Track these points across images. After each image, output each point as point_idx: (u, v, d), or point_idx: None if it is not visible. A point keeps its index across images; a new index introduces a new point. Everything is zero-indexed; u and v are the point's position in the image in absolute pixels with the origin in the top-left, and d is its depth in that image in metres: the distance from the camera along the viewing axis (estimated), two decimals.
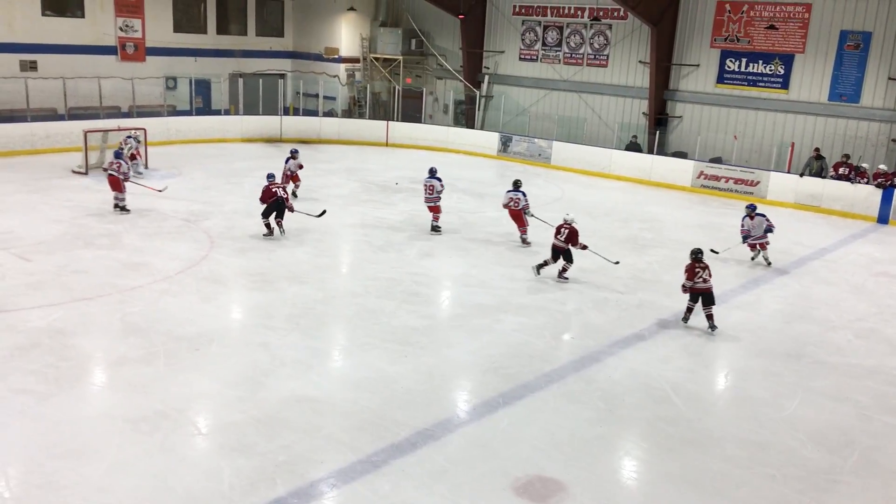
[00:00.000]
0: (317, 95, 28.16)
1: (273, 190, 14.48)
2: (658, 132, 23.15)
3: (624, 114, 24.82)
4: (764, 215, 14.68)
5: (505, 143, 25.67)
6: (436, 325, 11.01)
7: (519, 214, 15.16)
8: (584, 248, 12.99)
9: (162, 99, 25.95)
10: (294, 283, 12.16)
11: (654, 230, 17.10)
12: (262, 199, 14.45)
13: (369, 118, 28.30)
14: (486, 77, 27.67)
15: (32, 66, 23.44)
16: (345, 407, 8.37)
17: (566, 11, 25.64)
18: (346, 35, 29.29)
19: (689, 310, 11.37)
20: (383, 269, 13.23)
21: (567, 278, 13.11)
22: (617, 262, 13.76)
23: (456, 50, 28.03)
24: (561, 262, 13.04)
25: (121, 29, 25.53)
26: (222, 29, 28.45)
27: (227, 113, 26.88)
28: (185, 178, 19.48)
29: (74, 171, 19.13)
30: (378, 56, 29.11)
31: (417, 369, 9.39)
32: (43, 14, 23.70)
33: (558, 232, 12.94)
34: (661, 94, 23.77)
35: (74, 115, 22.76)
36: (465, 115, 28.05)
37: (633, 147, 23.63)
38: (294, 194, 17.63)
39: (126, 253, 13.12)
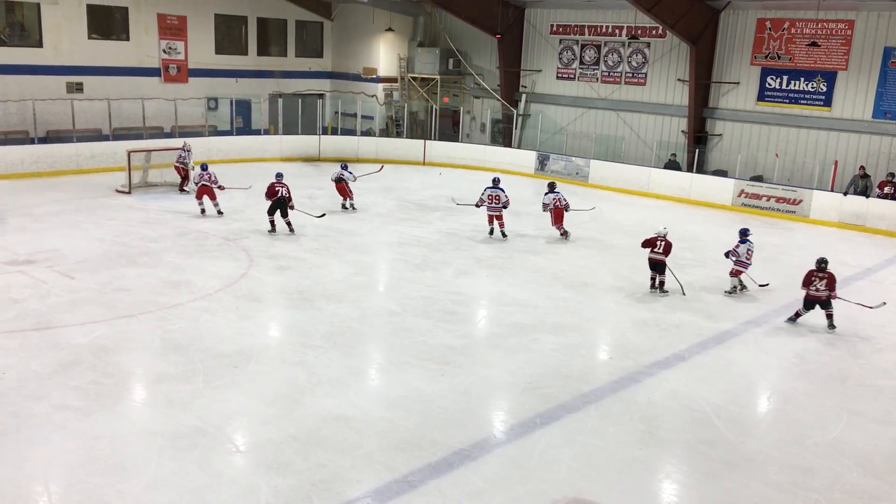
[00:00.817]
0: (355, 115, 28.43)
1: (276, 189, 15.75)
2: (697, 150, 22.91)
3: (662, 132, 24.63)
4: (748, 241, 13.71)
5: (542, 162, 25.62)
6: (472, 343, 10.96)
7: (561, 213, 16.74)
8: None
9: (203, 119, 26.42)
10: (332, 302, 12.22)
11: (693, 249, 16.87)
12: (267, 196, 15.83)
13: (407, 137, 28.47)
14: (524, 96, 27.70)
15: (79, 87, 24.06)
16: (381, 426, 8.35)
17: (604, 30, 25.60)
18: (385, 55, 29.58)
19: (797, 315, 12.17)
20: (420, 287, 13.24)
21: (666, 291, 13.57)
22: (765, 285, 14.11)
23: (493, 69, 28.12)
24: (659, 277, 13.60)
25: (164, 51, 26.10)
26: (262, 50, 28.94)
27: (266, 133, 27.26)
28: (225, 197, 19.72)
29: (118, 191, 19.52)
30: (416, 76, 29.33)
31: (454, 388, 9.35)
32: (89, 37, 24.34)
33: (655, 245, 13.57)
34: (701, 112, 23.55)
35: (119, 135, 23.28)
36: (502, 134, 28.08)
37: (672, 165, 23.41)
38: (352, 206, 19.14)
39: (167, 271, 13.32)
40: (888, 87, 20.34)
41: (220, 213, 17.52)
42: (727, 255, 13.86)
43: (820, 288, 11.90)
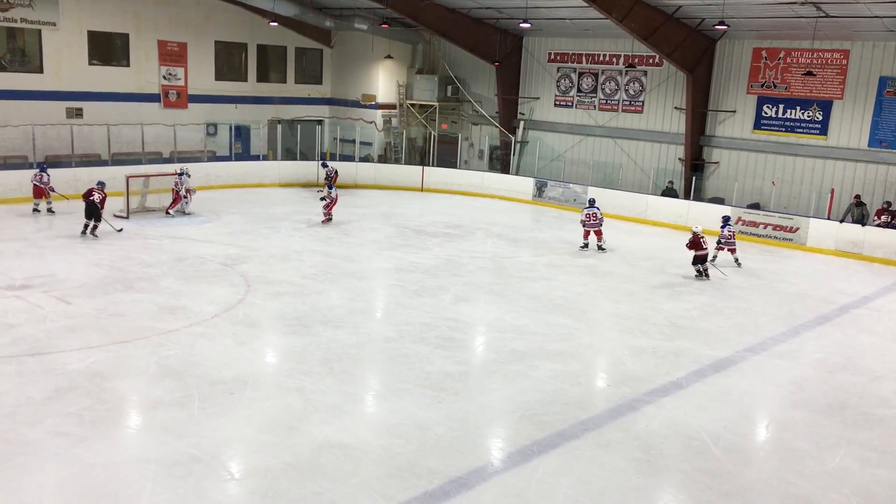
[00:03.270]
0: (354, 141, 28.57)
1: (92, 192, 17.07)
2: (694, 178, 23.02)
3: (660, 159, 24.76)
4: (729, 227, 17.87)
5: (540, 189, 25.71)
6: (470, 370, 10.92)
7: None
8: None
9: (202, 145, 26.55)
10: (329, 328, 12.19)
11: (691, 277, 16.88)
12: (83, 198, 17.20)
13: (405, 163, 28.59)
14: (522, 123, 27.87)
15: (78, 113, 24.18)
16: (378, 453, 8.30)
17: (601, 58, 25.82)
18: (384, 82, 29.79)
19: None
20: (418, 313, 13.22)
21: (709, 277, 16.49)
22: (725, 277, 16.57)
23: (491, 96, 28.32)
24: (703, 267, 16.63)
25: (164, 77, 26.27)
26: (262, 77, 29.14)
27: (265, 158, 27.37)
28: (223, 223, 19.78)
29: (116, 216, 19.52)
30: (414, 102, 29.52)
31: (451, 416, 9.29)
32: (90, 63, 24.51)
33: (700, 245, 16.40)
34: (698, 140, 23.69)
35: (118, 160, 23.36)
36: (501, 161, 28.21)
37: (669, 192, 23.50)
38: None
39: (164, 296, 13.29)
40: (883, 115, 20.50)
41: (50, 211, 19.47)
42: (718, 241, 17.67)
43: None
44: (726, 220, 18.23)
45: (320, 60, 30.90)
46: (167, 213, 20.20)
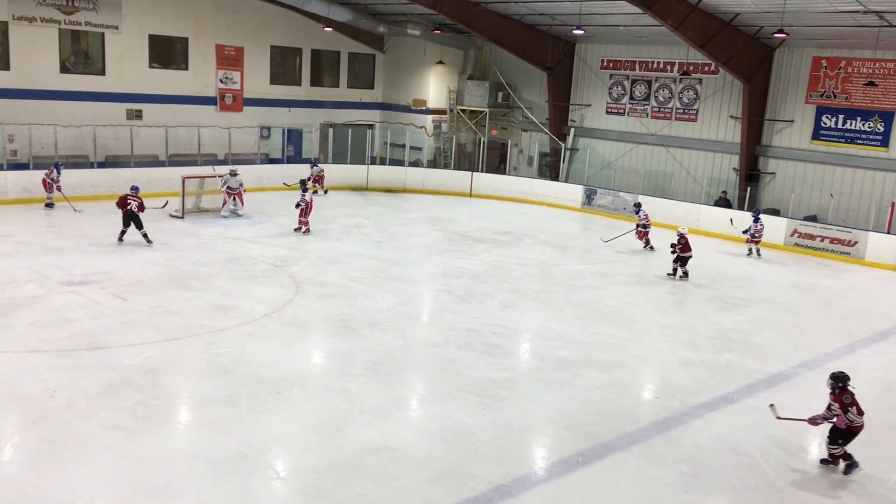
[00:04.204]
0: (403, 146, 28.75)
1: (127, 201, 16.45)
2: (749, 188, 22.59)
3: (713, 169, 24.36)
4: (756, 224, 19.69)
5: (589, 196, 25.52)
6: (515, 377, 10.88)
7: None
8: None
9: (256, 147, 27.00)
10: (375, 331, 12.27)
11: (744, 289, 16.56)
12: (118, 206, 16.57)
13: (454, 169, 28.66)
14: (572, 130, 27.70)
15: (138, 114, 24.82)
16: (421, 458, 8.31)
17: (655, 66, 25.54)
18: (434, 87, 29.93)
19: (837, 457, 8.71)
20: (464, 319, 13.22)
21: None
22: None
23: (542, 103, 28.21)
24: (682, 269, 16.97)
25: (221, 81, 26.81)
26: (315, 81, 29.53)
27: (316, 161, 27.68)
28: (274, 224, 20.07)
29: (172, 215, 19.97)
30: (465, 108, 29.58)
31: (495, 423, 9.27)
32: (150, 66, 25.15)
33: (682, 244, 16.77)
34: (753, 150, 23.25)
35: (174, 161, 23.91)
36: (550, 168, 28.08)
37: (722, 203, 23.11)
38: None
39: (216, 295, 13.54)
40: None
41: (48, 205, 19.80)
42: (745, 232, 19.86)
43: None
44: (756, 213, 19.93)
45: (372, 65, 31.19)
46: (221, 214, 20.55)
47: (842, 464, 8.63)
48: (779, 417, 8.94)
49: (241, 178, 21.04)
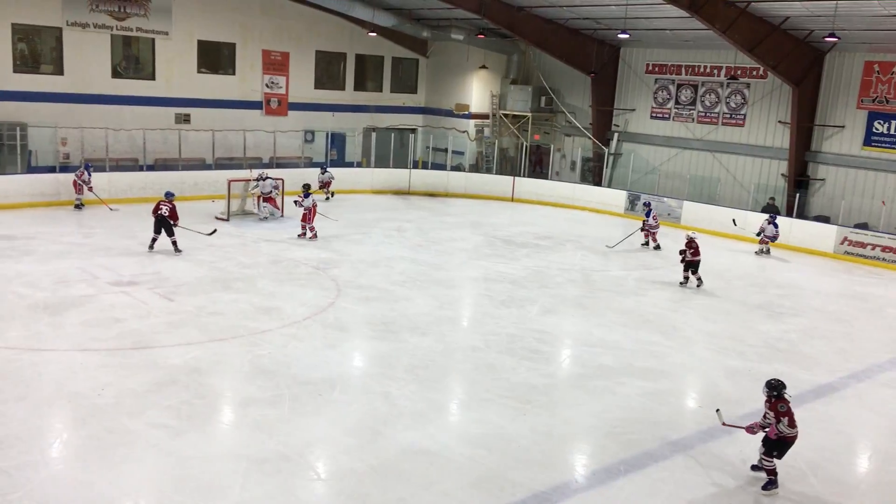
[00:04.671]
0: (446, 150, 28.80)
1: (160, 206, 16.12)
2: (798, 195, 22.13)
3: (761, 175, 23.94)
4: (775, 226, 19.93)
5: (633, 202, 25.26)
6: (556, 383, 10.81)
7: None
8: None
9: (300, 151, 27.31)
10: (415, 334, 12.30)
11: (791, 297, 16.23)
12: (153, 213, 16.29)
13: (496, 173, 28.62)
14: (616, 135, 27.47)
15: (186, 118, 25.29)
16: (461, 462, 8.30)
17: (702, 70, 25.21)
18: (477, 92, 29.95)
19: (771, 471, 8.19)
20: (504, 324, 13.18)
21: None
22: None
23: (585, 107, 28.04)
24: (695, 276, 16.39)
25: (267, 85, 27.19)
26: (359, 85, 29.77)
27: (359, 165, 27.93)
28: (317, 227, 20.23)
29: (217, 218, 20.28)
30: (507, 112, 29.53)
31: (536, 429, 9.21)
32: (198, 71, 25.62)
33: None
34: (802, 156, 22.79)
35: (220, 164, 24.29)
36: (593, 173, 27.87)
37: (770, 209, 22.66)
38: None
39: (259, 297, 13.71)
40: None
41: (77, 207, 20.07)
42: (758, 234, 20.08)
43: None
44: (773, 216, 20.10)
45: (416, 70, 31.34)
46: (259, 216, 20.69)
47: (765, 477, 8.25)
48: (724, 424, 8.69)
49: (273, 182, 20.84)
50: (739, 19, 19.92)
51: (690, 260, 16.11)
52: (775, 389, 8.22)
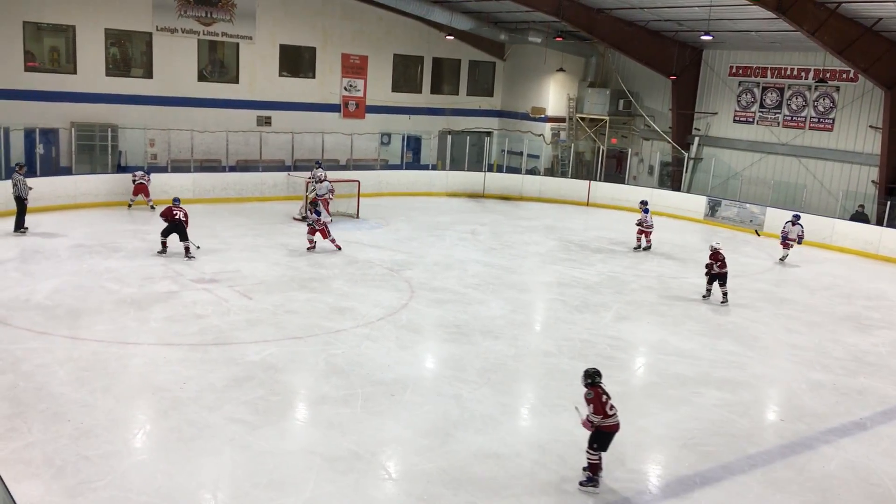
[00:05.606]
0: (521, 153, 28.69)
1: (174, 212, 15.92)
2: (889, 202, 21.16)
3: (850, 181, 23.01)
4: (801, 226, 18.88)
5: (713, 208, 24.63)
6: (630, 392, 10.61)
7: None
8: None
9: (376, 153, 27.64)
10: (488, 338, 12.27)
11: (881, 309, 15.54)
12: (163, 217, 16.03)
13: (571, 177, 28.33)
14: (696, 139, 26.84)
15: (267, 121, 25.91)
16: (531, 468, 8.24)
17: (788, 72, 24.41)
18: (554, 95, 29.72)
19: (594, 466, 7.88)
20: (578, 329, 13.03)
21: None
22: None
23: (665, 111, 27.49)
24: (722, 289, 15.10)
25: (345, 89, 27.62)
26: (436, 89, 29.94)
27: (434, 168, 28.07)
28: (392, 229, 20.45)
29: (295, 218, 20.69)
30: (584, 116, 29.21)
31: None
32: (280, 75, 26.22)
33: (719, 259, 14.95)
34: (894, 162, 21.79)
35: (299, 166, 24.78)
36: (671, 177, 27.30)
37: (859, 217, 21.76)
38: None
39: (334, 297, 13.92)
40: None
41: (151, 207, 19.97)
42: (783, 238, 19.02)
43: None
44: (796, 217, 19.20)
45: (492, 73, 31.32)
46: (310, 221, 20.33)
47: (583, 474, 7.86)
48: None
49: (329, 185, 20.41)
50: (829, 20, 19.19)
51: (718, 273, 14.96)
52: (588, 377, 7.91)
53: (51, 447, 7.99)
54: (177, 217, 15.94)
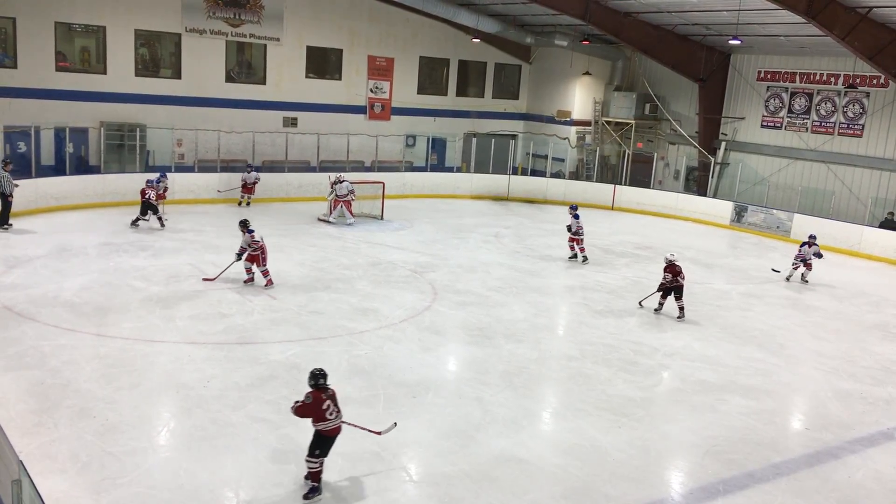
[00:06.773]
0: (546, 157, 28.61)
1: (145, 191, 18.19)
2: None
3: (879, 188, 22.68)
4: (817, 245, 17.47)
5: (739, 213, 24.40)
6: (653, 397, 10.54)
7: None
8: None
9: (401, 155, 27.70)
10: (510, 341, 12.25)
11: None
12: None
13: (596, 181, 28.21)
14: (723, 144, 26.61)
15: (293, 122, 26.07)
16: (553, 472, 8.21)
17: (817, 77, 24.12)
18: (580, 98, 29.60)
19: (314, 475, 7.53)
20: (601, 334, 12.96)
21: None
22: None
23: (692, 115, 27.28)
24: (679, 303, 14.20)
25: (371, 90, 27.72)
26: (461, 91, 29.95)
27: (458, 170, 28.08)
28: (416, 231, 20.47)
29: (320, 219, 20.79)
30: (610, 119, 29.07)
31: (631, 443, 9.01)
32: (306, 76, 26.37)
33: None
34: None
35: (324, 167, 24.92)
36: (697, 182, 27.08)
37: (888, 225, 21.45)
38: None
39: (357, 298, 13.96)
40: None
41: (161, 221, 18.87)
42: (795, 258, 17.47)
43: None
44: (812, 238, 17.72)
45: (518, 76, 31.27)
46: (329, 219, 20.60)
47: (307, 485, 7.51)
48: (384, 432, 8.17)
49: (349, 185, 20.62)
50: (860, 25, 18.93)
51: (671, 285, 14.01)
52: (312, 378, 7.60)
53: (76, 443, 8.10)
54: (146, 197, 18.14)
